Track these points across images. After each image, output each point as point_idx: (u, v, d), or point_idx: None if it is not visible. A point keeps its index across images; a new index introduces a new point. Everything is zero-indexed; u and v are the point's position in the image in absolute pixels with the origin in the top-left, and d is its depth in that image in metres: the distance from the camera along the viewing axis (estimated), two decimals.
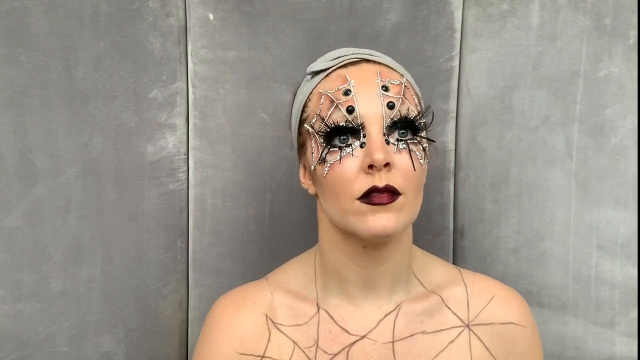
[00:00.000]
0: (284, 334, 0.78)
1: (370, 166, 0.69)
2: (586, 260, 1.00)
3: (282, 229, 1.01)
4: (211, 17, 0.98)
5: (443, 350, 0.77)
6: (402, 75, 0.76)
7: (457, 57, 1.00)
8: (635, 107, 0.99)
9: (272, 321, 0.79)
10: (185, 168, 1.00)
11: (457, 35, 1.00)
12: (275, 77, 0.99)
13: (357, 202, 0.70)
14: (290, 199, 1.01)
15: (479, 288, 0.81)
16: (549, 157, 1.00)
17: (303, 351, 0.77)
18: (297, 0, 0.98)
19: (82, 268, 0.98)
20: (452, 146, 1.01)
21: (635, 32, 0.98)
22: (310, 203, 1.01)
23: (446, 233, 1.03)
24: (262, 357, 0.77)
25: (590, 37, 0.99)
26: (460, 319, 0.79)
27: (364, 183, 0.70)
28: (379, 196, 0.69)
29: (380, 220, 0.69)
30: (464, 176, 1.02)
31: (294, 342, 0.77)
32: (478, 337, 0.78)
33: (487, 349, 0.78)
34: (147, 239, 1.00)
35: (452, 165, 1.01)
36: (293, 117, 0.80)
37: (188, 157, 1.00)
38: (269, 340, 0.78)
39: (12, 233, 0.96)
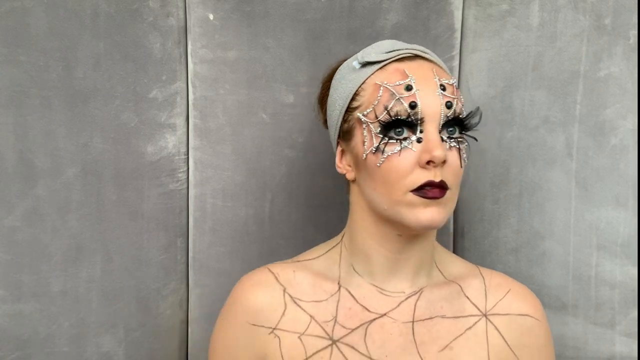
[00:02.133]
0: (302, 308, 0.81)
1: (429, 162, 0.72)
2: (586, 260, 1.00)
3: (282, 229, 1.01)
4: (211, 17, 0.98)
5: (460, 335, 0.79)
6: (451, 76, 0.79)
7: (457, 57, 1.00)
8: (635, 107, 0.99)
9: (291, 296, 0.81)
10: (185, 168, 1.00)
11: (457, 35, 1.00)
12: (275, 77, 0.99)
13: (410, 194, 0.73)
14: (290, 199, 1.01)
15: (496, 282, 0.84)
16: (549, 157, 1.00)
17: (320, 325, 0.80)
18: (297, 0, 0.98)
19: (82, 268, 0.98)
20: None
21: (635, 32, 0.98)
22: (310, 203, 1.01)
23: (446, 233, 1.03)
24: (274, 328, 0.80)
25: (590, 37, 0.99)
26: (478, 308, 0.81)
27: (419, 177, 0.73)
28: (433, 190, 0.73)
29: (431, 212, 0.73)
30: (464, 176, 1.02)
31: (310, 316, 0.80)
32: (495, 327, 0.81)
33: (504, 339, 0.80)
34: (147, 239, 1.00)
35: None
36: (337, 103, 0.80)
37: (188, 157, 1.00)
38: (283, 314, 0.80)
39: (12, 233, 0.96)
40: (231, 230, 1.01)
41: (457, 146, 0.76)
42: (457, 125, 0.76)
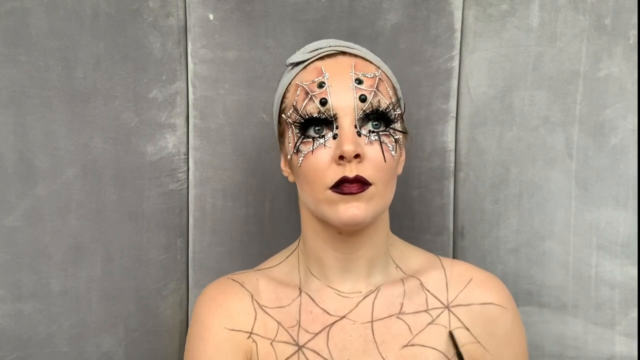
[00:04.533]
0: (269, 315, 0.81)
1: (341, 157, 0.72)
2: (586, 260, 1.00)
3: (282, 229, 1.01)
4: (211, 17, 0.98)
5: (422, 330, 0.78)
6: (378, 68, 0.78)
7: (457, 57, 1.00)
8: (635, 107, 0.99)
9: (258, 303, 0.81)
10: (185, 168, 1.00)
11: (457, 35, 1.00)
12: (275, 77, 0.99)
13: (329, 191, 0.73)
14: (290, 199, 1.01)
15: (457, 272, 0.82)
16: (549, 157, 1.00)
17: (286, 330, 0.79)
18: (297, 0, 0.98)
19: (82, 268, 0.98)
20: (452, 146, 1.01)
21: (635, 32, 0.98)
22: None
23: (446, 233, 1.03)
24: (251, 333, 0.79)
25: (590, 37, 0.99)
26: (439, 301, 0.80)
27: (335, 173, 0.72)
28: (349, 186, 0.72)
29: (350, 209, 0.72)
30: (464, 176, 1.02)
31: (277, 322, 0.80)
32: (458, 318, 0.79)
33: (468, 330, 0.79)
34: (147, 239, 1.00)
35: (452, 165, 1.01)
36: (274, 107, 0.82)
37: (188, 157, 1.00)
38: (255, 319, 0.80)
39: (12, 233, 0.96)
40: (231, 230, 1.01)
41: (379, 140, 0.74)
42: (381, 119, 0.74)
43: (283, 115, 0.78)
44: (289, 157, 0.78)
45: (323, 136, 0.74)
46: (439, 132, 1.00)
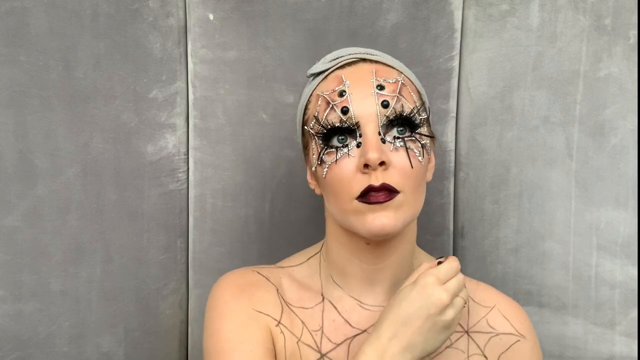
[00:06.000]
0: (294, 312, 0.78)
1: (366, 165, 0.69)
2: (586, 260, 1.00)
3: (282, 229, 1.01)
4: (211, 17, 0.98)
5: (440, 353, 0.76)
6: (400, 73, 0.76)
7: (457, 57, 1.00)
8: (635, 107, 0.99)
9: (283, 298, 0.78)
10: (185, 168, 1.00)
11: (457, 35, 1.00)
12: (275, 77, 0.99)
13: (356, 201, 0.70)
14: (290, 199, 1.01)
15: (480, 297, 0.81)
16: (549, 157, 1.00)
17: (311, 334, 0.77)
18: (297, 0, 0.98)
19: (82, 268, 0.98)
20: (452, 146, 1.01)
21: (635, 32, 0.98)
22: (310, 203, 1.01)
23: (446, 233, 1.03)
24: (279, 322, 0.77)
25: (590, 37, 0.99)
26: (460, 325, 0.78)
27: (360, 182, 0.70)
28: (376, 195, 0.69)
29: (379, 219, 0.70)
30: (464, 176, 1.02)
31: (302, 322, 0.77)
32: (477, 344, 0.78)
33: (485, 357, 0.78)
34: (147, 239, 1.00)
35: (452, 165, 1.01)
36: (297, 119, 0.80)
37: (188, 157, 1.00)
38: (282, 311, 0.77)
39: (12, 233, 0.96)
40: (231, 230, 1.01)
41: (405, 146, 0.71)
42: (405, 124, 0.72)
43: (306, 127, 0.76)
44: (313, 168, 0.75)
45: (347, 145, 0.71)
46: (439, 132, 1.00)
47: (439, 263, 0.72)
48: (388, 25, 0.99)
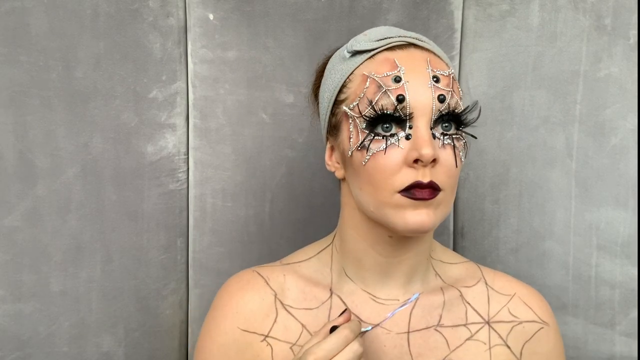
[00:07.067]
0: (293, 316, 0.76)
1: (416, 160, 0.66)
2: (586, 260, 1.00)
3: (282, 229, 1.01)
4: (211, 17, 0.98)
5: (460, 345, 0.74)
6: (448, 66, 0.72)
7: (457, 57, 1.00)
8: (635, 107, 0.99)
9: (282, 302, 0.77)
10: (185, 168, 1.00)
11: (457, 35, 1.00)
12: (275, 77, 0.99)
13: (398, 195, 0.67)
14: (290, 199, 1.01)
15: (499, 285, 0.79)
16: (549, 157, 1.00)
17: (311, 335, 0.74)
18: (297, 0, 0.98)
19: (82, 268, 0.98)
20: None
21: (635, 32, 0.98)
22: (310, 203, 1.01)
23: (446, 233, 1.03)
24: (266, 336, 0.75)
25: (590, 37, 0.99)
26: (479, 315, 0.76)
27: (407, 177, 0.67)
28: (421, 191, 0.66)
29: (420, 215, 0.67)
30: (464, 176, 1.02)
31: (302, 325, 0.75)
32: (499, 335, 0.76)
33: (508, 347, 0.76)
34: (147, 239, 1.00)
35: None
36: (325, 95, 0.75)
37: (188, 157, 1.00)
38: (274, 321, 0.76)
39: (12, 233, 0.96)
40: (231, 230, 1.01)
41: (452, 144, 0.68)
42: (452, 120, 0.69)
43: (344, 107, 0.71)
44: (349, 153, 0.70)
45: (394, 135, 0.67)
46: None
47: (341, 315, 0.71)
48: (388, 25, 0.99)
